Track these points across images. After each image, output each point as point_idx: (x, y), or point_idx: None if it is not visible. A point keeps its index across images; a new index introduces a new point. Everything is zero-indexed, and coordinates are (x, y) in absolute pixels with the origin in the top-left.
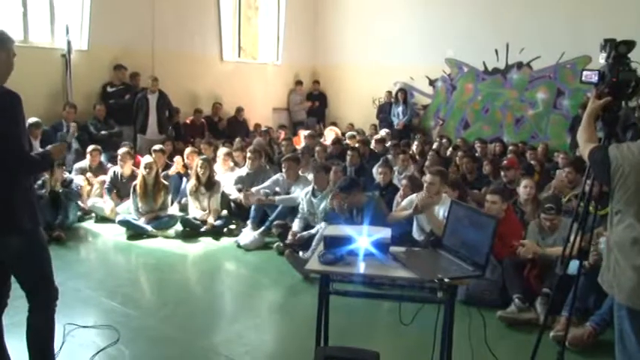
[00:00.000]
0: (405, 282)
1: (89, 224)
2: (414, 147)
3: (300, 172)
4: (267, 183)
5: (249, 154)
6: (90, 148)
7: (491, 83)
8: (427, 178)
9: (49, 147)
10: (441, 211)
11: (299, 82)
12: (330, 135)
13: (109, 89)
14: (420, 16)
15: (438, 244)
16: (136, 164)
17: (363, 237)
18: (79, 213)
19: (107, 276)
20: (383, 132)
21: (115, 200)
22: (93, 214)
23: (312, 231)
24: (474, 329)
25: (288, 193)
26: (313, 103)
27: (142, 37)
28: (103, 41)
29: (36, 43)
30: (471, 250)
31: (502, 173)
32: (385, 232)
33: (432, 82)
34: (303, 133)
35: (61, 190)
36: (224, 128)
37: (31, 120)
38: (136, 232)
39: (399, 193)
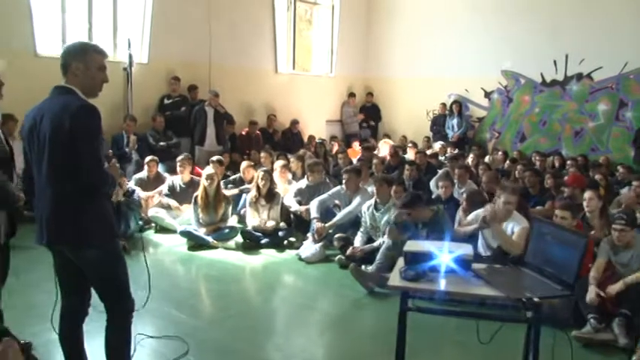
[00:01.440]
0: (489, 300)
1: (150, 234)
2: (470, 160)
3: (360, 184)
4: (327, 194)
5: (308, 167)
6: (147, 159)
7: (549, 95)
8: (504, 197)
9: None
10: (509, 226)
11: (352, 95)
12: (384, 147)
13: (165, 101)
14: (476, 27)
15: (519, 262)
16: (195, 175)
17: (445, 253)
18: (140, 223)
19: (172, 287)
20: (438, 145)
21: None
22: (153, 225)
23: (375, 244)
24: (547, 348)
25: (348, 205)
26: (366, 116)
27: (199, 50)
28: (161, 54)
29: None
30: (558, 268)
31: (564, 188)
32: (466, 249)
33: (487, 94)
34: (356, 145)
35: (122, 200)
36: (278, 140)
37: None
38: (196, 243)
39: (461, 207)
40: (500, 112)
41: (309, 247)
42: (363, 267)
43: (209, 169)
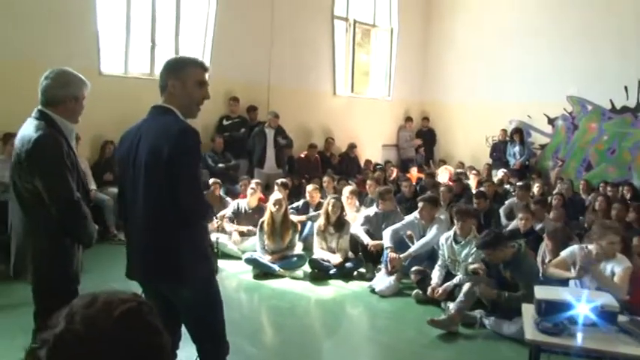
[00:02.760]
0: None
1: None
2: (535, 189)
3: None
4: (400, 224)
5: (379, 194)
6: (210, 181)
7: (619, 122)
8: (609, 238)
9: None
10: (608, 267)
11: (409, 119)
12: (444, 174)
13: (224, 122)
14: (538, 51)
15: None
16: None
17: (583, 302)
18: None
19: (242, 319)
20: (501, 173)
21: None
22: (216, 250)
23: (455, 281)
24: None
25: (422, 236)
26: (421, 141)
27: (258, 71)
28: (221, 74)
29: None
30: None
31: None
32: (608, 298)
33: (551, 121)
34: (414, 170)
35: None
36: (336, 164)
37: None
38: (262, 272)
39: (544, 244)
40: (565, 139)
41: (383, 280)
42: (442, 304)
43: (277, 194)
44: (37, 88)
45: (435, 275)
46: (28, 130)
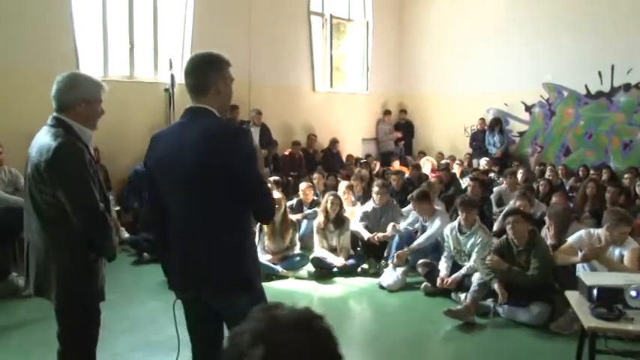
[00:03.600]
0: None
1: None
2: (519, 175)
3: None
4: (410, 219)
5: (376, 189)
6: None
7: (594, 107)
8: (621, 228)
9: None
10: (616, 251)
11: (387, 112)
12: (426, 165)
13: None
14: (514, 40)
15: None
16: None
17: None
18: None
19: None
20: (483, 161)
21: None
22: None
23: (462, 271)
24: None
25: (424, 228)
26: (401, 134)
27: (238, 69)
28: None
29: (140, 78)
30: None
31: None
32: None
33: (528, 108)
34: (397, 163)
35: None
36: (319, 160)
37: None
38: (264, 273)
39: (546, 227)
40: (542, 125)
41: (390, 275)
42: (453, 294)
43: (276, 194)
44: (15, 98)
45: (443, 267)
46: (44, 138)
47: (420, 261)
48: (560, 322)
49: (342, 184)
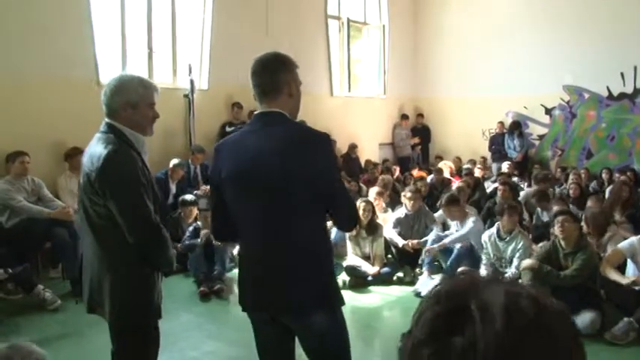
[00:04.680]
0: None
1: (236, 274)
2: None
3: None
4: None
5: (409, 194)
6: None
7: (617, 109)
8: None
9: None
10: None
11: (404, 116)
12: (445, 170)
13: (227, 129)
14: (533, 42)
15: None
16: None
17: None
18: (231, 263)
19: None
20: (505, 165)
21: None
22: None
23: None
24: None
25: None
26: (419, 139)
27: None
28: (221, 80)
29: (159, 84)
30: None
31: None
32: None
33: (548, 111)
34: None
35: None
36: (339, 166)
37: (175, 161)
38: None
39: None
40: (563, 128)
41: (426, 282)
42: None
43: None
44: (38, 106)
45: (483, 273)
46: (96, 146)
47: (460, 269)
48: (615, 331)
49: (372, 191)
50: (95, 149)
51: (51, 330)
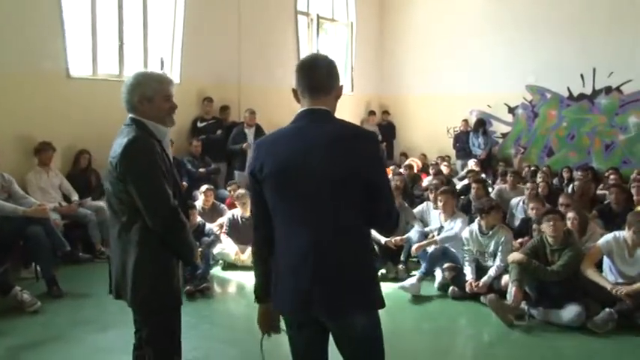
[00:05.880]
0: None
1: (217, 272)
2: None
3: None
4: (417, 226)
5: None
6: (203, 188)
7: (577, 109)
8: None
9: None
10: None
11: (372, 113)
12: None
13: (199, 124)
14: (497, 42)
15: None
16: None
17: None
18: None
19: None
20: (472, 162)
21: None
22: (220, 261)
23: (492, 274)
24: None
25: (440, 228)
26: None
27: (229, 70)
28: (193, 74)
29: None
30: None
31: None
32: None
33: (511, 110)
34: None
35: (204, 238)
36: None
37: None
38: None
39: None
40: (526, 127)
41: (408, 279)
42: (482, 298)
43: None
44: (5, 99)
45: (469, 271)
46: (120, 137)
47: (445, 265)
48: (596, 320)
49: None
50: (118, 140)
51: (34, 333)
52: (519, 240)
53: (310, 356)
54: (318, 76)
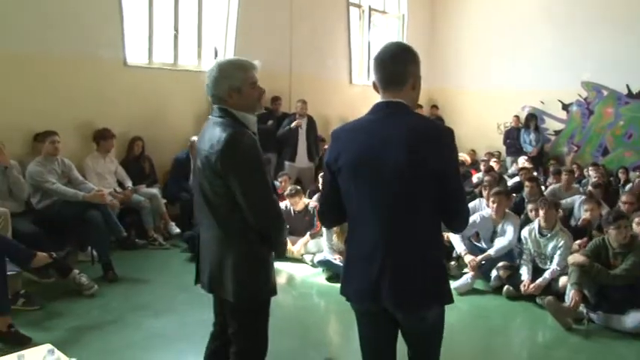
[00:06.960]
0: None
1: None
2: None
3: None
4: (510, 234)
5: None
6: (280, 178)
7: (635, 107)
8: None
9: None
10: None
11: (419, 107)
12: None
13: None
14: (551, 37)
15: None
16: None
17: None
18: None
19: (323, 323)
20: (522, 159)
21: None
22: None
23: (547, 276)
24: None
25: (494, 232)
26: None
27: (280, 59)
28: None
29: (184, 66)
30: None
31: None
32: None
33: (565, 107)
34: None
35: None
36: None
37: (194, 137)
38: (335, 273)
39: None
40: (580, 124)
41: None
42: (538, 299)
43: None
44: (67, 84)
45: (524, 271)
46: (214, 130)
47: (501, 263)
48: None
49: None
50: (214, 133)
51: (93, 316)
52: (577, 241)
53: (378, 344)
54: (392, 69)
